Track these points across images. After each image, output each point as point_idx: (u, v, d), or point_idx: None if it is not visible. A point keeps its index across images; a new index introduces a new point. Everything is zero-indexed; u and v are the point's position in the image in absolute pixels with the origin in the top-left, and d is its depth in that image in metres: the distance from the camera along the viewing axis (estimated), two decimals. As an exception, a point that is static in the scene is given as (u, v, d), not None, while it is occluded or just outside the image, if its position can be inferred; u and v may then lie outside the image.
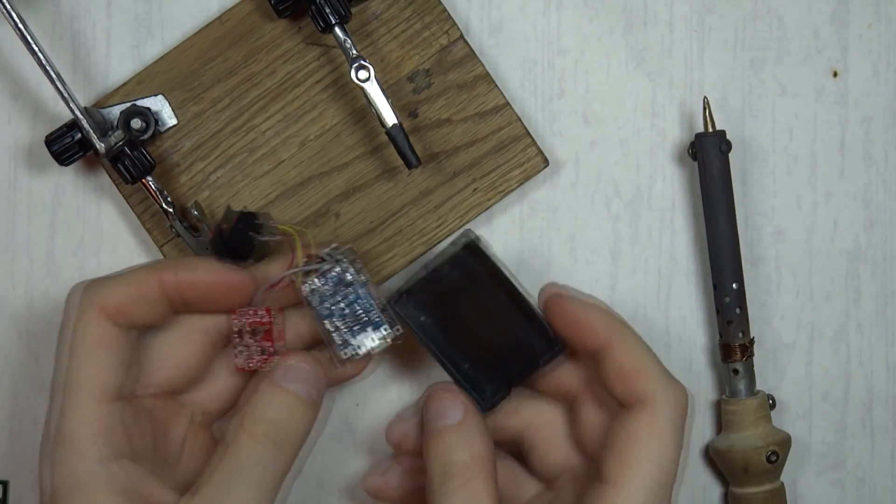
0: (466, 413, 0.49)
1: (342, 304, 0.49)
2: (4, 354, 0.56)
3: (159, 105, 0.54)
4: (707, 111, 0.54)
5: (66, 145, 0.52)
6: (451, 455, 0.48)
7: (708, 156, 0.54)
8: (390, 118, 0.51)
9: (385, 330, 0.49)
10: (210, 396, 0.51)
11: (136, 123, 0.53)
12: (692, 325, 0.56)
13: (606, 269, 0.56)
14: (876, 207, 0.57)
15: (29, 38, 0.50)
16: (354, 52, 0.51)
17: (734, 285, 0.54)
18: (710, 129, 0.54)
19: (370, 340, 0.49)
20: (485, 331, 0.50)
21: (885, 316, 0.57)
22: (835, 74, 0.56)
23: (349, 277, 0.49)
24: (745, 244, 0.56)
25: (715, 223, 0.54)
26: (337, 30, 0.51)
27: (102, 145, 0.51)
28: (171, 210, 0.52)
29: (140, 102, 0.54)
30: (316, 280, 0.49)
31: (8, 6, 0.49)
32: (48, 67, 0.50)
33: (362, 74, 0.51)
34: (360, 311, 0.49)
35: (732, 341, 0.54)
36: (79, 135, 0.51)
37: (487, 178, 0.55)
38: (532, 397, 0.52)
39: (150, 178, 0.52)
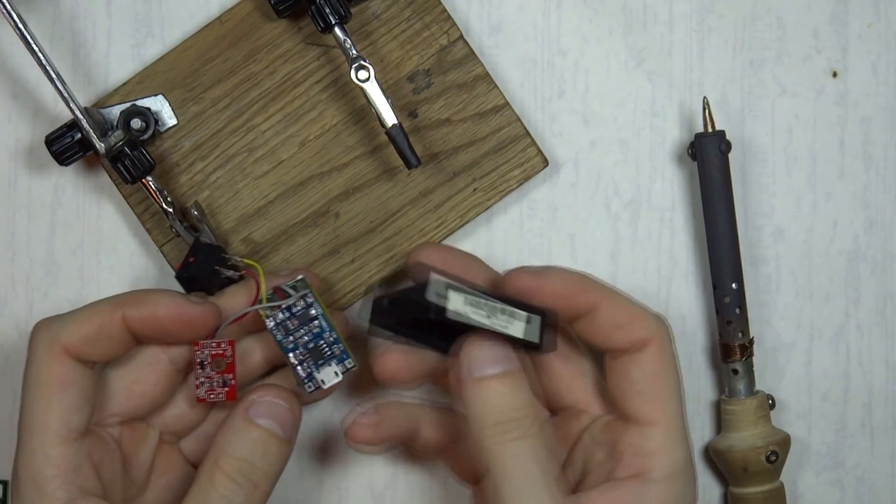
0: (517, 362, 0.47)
1: (306, 338, 0.49)
2: (4, 354, 0.56)
3: (159, 105, 0.54)
4: (707, 111, 0.54)
5: (66, 145, 0.52)
6: (517, 400, 0.46)
7: (708, 156, 0.54)
8: (390, 118, 0.51)
9: (349, 364, 0.49)
10: (177, 417, 0.51)
11: (136, 123, 0.53)
12: (692, 325, 0.56)
13: (606, 269, 0.56)
14: (876, 207, 0.57)
15: (29, 38, 0.50)
16: (354, 52, 0.51)
17: (734, 285, 0.54)
18: (710, 129, 0.54)
19: (333, 375, 0.49)
20: None
21: (885, 316, 0.57)
22: (834, 74, 0.56)
23: (313, 312, 0.49)
24: (745, 244, 0.55)
25: (714, 223, 0.54)
26: (337, 30, 0.51)
27: (102, 145, 0.51)
28: (171, 210, 0.52)
29: (140, 102, 0.54)
30: (280, 314, 0.49)
31: (8, 6, 0.49)
32: (48, 67, 0.50)
33: (362, 74, 0.51)
34: (324, 345, 0.49)
35: (732, 341, 0.54)
36: (79, 135, 0.51)
37: (487, 178, 0.55)
38: None
39: (150, 178, 0.52)
